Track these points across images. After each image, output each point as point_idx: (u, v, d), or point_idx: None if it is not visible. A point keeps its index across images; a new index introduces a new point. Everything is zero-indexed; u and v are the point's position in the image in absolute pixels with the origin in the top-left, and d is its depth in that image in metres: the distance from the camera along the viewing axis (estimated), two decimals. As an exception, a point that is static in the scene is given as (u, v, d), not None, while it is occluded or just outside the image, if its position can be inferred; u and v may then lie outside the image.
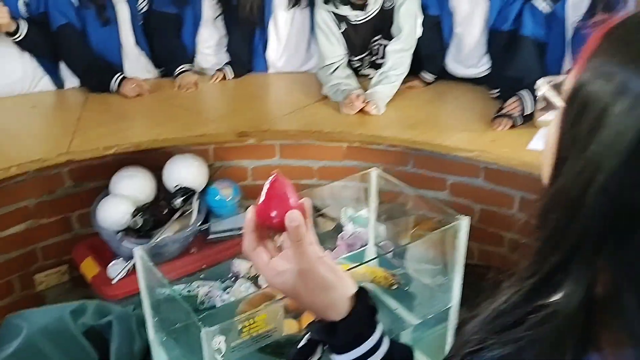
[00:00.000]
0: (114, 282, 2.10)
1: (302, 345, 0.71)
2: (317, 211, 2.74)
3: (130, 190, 2.30)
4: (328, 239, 1.41)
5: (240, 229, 2.61)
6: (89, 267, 2.25)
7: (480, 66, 2.57)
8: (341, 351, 0.68)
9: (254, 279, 1.32)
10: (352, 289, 0.68)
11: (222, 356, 0.75)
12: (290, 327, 0.96)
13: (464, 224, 0.98)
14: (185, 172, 2.38)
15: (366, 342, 0.68)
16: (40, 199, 2.39)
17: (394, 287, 1.09)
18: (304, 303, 0.67)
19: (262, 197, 0.68)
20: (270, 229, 0.68)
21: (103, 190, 2.39)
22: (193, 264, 2.31)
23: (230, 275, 1.36)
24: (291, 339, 0.91)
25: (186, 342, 0.97)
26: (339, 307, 0.67)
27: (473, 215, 2.61)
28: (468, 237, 0.99)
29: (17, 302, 2.44)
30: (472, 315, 0.65)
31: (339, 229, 1.44)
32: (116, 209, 2.21)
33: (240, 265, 1.36)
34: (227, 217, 2.50)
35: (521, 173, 2.36)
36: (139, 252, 0.88)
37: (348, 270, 1.20)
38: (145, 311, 0.95)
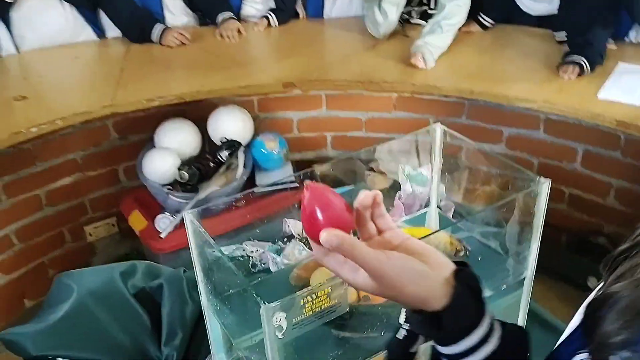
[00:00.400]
0: (162, 236, 2.08)
1: (402, 337, 0.64)
2: (371, 169, 2.66)
3: (176, 143, 2.26)
4: (387, 198, 1.32)
5: (287, 182, 2.52)
6: (136, 220, 2.24)
7: (553, 2, 2.34)
8: (448, 343, 0.59)
9: (308, 241, 1.25)
10: (448, 269, 0.59)
11: (282, 333, 0.69)
12: (351, 296, 0.90)
13: (545, 187, 0.88)
14: (231, 125, 2.31)
15: (476, 329, 0.59)
16: (87, 152, 2.38)
17: (461, 254, 1.00)
18: (395, 300, 0.59)
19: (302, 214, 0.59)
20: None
21: (148, 143, 2.36)
22: (240, 219, 2.28)
23: (281, 236, 1.29)
24: (354, 309, 0.84)
25: (240, 308, 0.91)
26: (437, 294, 0.58)
27: (532, 170, 2.48)
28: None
29: (68, 252, 2.48)
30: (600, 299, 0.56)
31: (395, 187, 1.34)
32: (162, 162, 2.17)
33: (292, 225, 1.29)
34: (273, 170, 2.45)
35: (586, 125, 2.20)
36: (189, 216, 0.82)
37: (408, 231, 1.12)
38: (197, 277, 0.89)
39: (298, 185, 2.40)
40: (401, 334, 0.64)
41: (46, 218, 2.36)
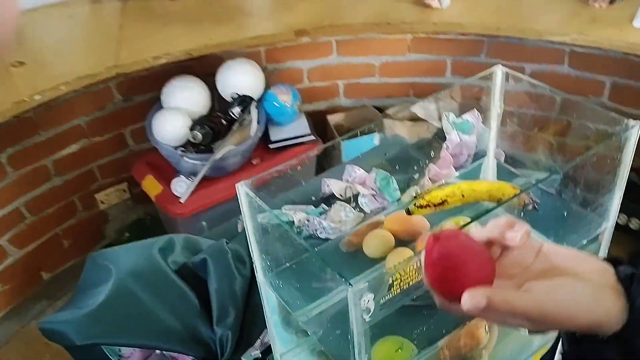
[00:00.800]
0: (182, 201, 2.00)
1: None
2: (387, 116, 2.55)
3: (185, 102, 2.14)
4: (429, 149, 1.23)
5: (303, 135, 2.41)
6: (151, 186, 2.16)
7: None
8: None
9: (354, 201, 1.17)
10: (607, 274, 0.48)
11: (370, 315, 0.61)
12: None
13: (635, 131, 0.79)
14: (241, 79, 2.19)
15: None
16: (91, 117, 2.26)
17: (529, 207, 0.92)
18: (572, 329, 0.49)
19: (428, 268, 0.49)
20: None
21: (155, 104, 2.24)
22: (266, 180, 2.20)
23: (320, 197, 1.21)
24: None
25: (298, 280, 0.84)
26: (612, 314, 0.47)
27: (555, 104, 2.39)
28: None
29: (81, 221, 2.41)
30: None
31: (439, 137, 1.25)
32: (173, 124, 2.06)
33: (333, 185, 1.20)
34: (287, 124, 2.34)
35: (614, 56, 2.09)
36: (243, 188, 0.73)
37: (469, 185, 1.04)
38: (253, 252, 0.81)
39: (314, 138, 2.31)
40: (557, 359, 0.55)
41: (55, 188, 2.27)
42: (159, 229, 2.55)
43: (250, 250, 0.83)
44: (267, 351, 1.02)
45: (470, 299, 0.44)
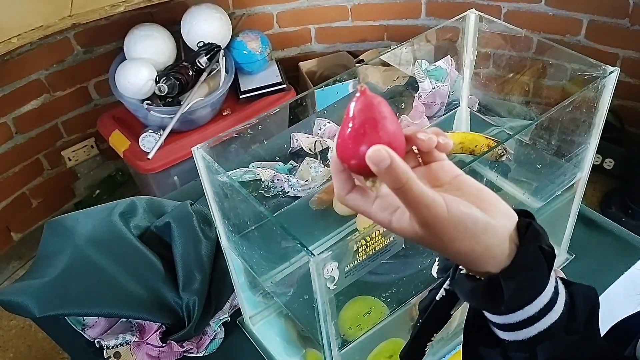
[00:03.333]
0: (149, 157, 1.94)
1: (440, 298, 0.52)
2: (361, 61, 2.47)
3: (149, 52, 2.04)
4: (400, 99, 1.18)
5: (274, 84, 2.34)
6: (118, 141, 2.08)
7: None
8: (502, 312, 0.48)
9: (322, 157, 1.12)
10: (512, 221, 0.47)
11: (334, 284, 0.58)
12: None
13: (612, 77, 0.74)
14: (206, 26, 2.08)
15: (539, 297, 0.47)
16: (51, 70, 2.15)
17: (502, 159, 0.89)
18: (441, 252, 0.47)
19: (342, 127, 0.45)
20: (356, 173, 0.46)
21: (118, 54, 2.14)
22: (229, 128, 2.13)
23: (290, 150, 1.16)
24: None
25: (262, 243, 0.80)
26: (497, 254, 0.46)
27: (531, 47, 2.33)
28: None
29: (49, 180, 2.33)
30: None
31: (412, 85, 1.20)
32: (137, 76, 1.97)
33: (300, 139, 1.16)
34: (258, 72, 2.26)
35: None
36: (200, 152, 0.68)
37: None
38: (215, 217, 0.77)
39: (286, 87, 2.24)
40: (439, 294, 0.52)
41: (19, 147, 2.18)
42: (130, 184, 2.50)
43: (212, 214, 0.79)
44: (237, 313, 1.00)
45: (376, 152, 0.41)
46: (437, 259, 0.56)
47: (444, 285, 0.52)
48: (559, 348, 0.48)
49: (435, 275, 0.55)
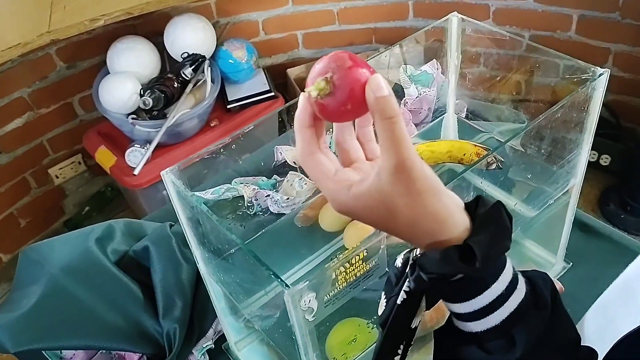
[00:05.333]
0: (135, 172, 1.89)
1: (402, 301, 0.48)
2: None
3: (132, 65, 2.00)
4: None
5: (262, 93, 2.30)
6: (104, 157, 2.04)
7: None
8: (472, 293, 0.46)
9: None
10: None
11: (313, 315, 0.54)
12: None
13: (603, 79, 0.71)
14: (190, 36, 2.05)
15: (503, 272, 0.47)
16: (34, 87, 2.11)
17: (492, 167, 0.85)
18: (401, 222, 0.45)
19: (310, 78, 0.46)
20: (336, 118, 0.47)
21: (102, 68, 2.10)
22: (217, 139, 2.09)
23: (274, 164, 1.12)
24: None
25: (242, 267, 0.76)
26: (457, 220, 0.46)
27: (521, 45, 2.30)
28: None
29: (37, 199, 2.29)
30: None
31: (396, 92, 1.16)
32: (121, 89, 1.93)
33: (284, 151, 1.11)
34: (245, 81, 2.22)
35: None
36: (169, 177, 0.64)
37: (427, 147, 0.96)
38: (191, 244, 0.73)
39: (274, 94, 2.20)
40: (400, 298, 0.48)
41: (4, 166, 2.14)
42: (120, 200, 2.45)
43: (187, 240, 0.75)
44: (221, 339, 0.95)
45: (377, 79, 0.43)
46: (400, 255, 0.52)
47: (404, 288, 0.48)
48: (534, 325, 0.47)
49: (395, 269, 0.50)
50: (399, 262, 0.49)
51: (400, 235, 0.47)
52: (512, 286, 0.47)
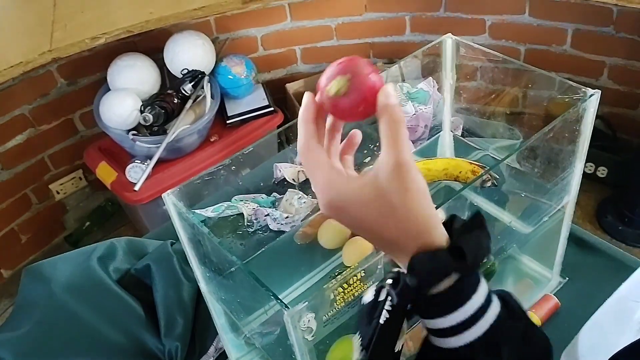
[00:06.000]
0: (136, 188, 1.91)
1: (384, 321, 0.48)
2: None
3: (132, 82, 2.02)
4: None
5: (261, 108, 2.32)
6: (105, 173, 2.06)
7: None
8: (455, 304, 0.47)
9: (305, 188, 1.10)
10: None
11: (312, 335, 0.55)
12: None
13: (593, 100, 0.72)
14: (190, 53, 2.07)
15: (480, 285, 0.48)
16: (35, 104, 2.13)
17: (487, 184, 0.86)
18: (393, 219, 0.46)
19: (327, 77, 0.49)
20: (346, 117, 0.51)
21: (102, 85, 2.12)
22: (217, 154, 2.11)
23: (274, 181, 1.13)
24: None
25: (243, 286, 0.77)
26: (439, 226, 0.48)
27: (518, 58, 2.32)
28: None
29: (38, 214, 2.31)
30: None
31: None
32: (121, 106, 1.95)
33: (283, 169, 1.13)
34: (244, 97, 2.24)
35: (575, 1, 2.03)
36: (170, 199, 0.65)
37: (424, 164, 0.97)
38: (192, 263, 0.74)
39: (273, 109, 2.22)
40: (382, 318, 0.48)
41: (5, 182, 2.16)
42: (121, 214, 2.47)
43: (188, 260, 0.76)
44: (223, 356, 0.96)
45: (389, 89, 0.47)
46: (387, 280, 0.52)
47: (385, 307, 0.49)
48: (514, 337, 0.49)
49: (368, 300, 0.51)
50: (367, 297, 0.50)
51: (387, 236, 0.48)
52: (489, 298, 0.48)
